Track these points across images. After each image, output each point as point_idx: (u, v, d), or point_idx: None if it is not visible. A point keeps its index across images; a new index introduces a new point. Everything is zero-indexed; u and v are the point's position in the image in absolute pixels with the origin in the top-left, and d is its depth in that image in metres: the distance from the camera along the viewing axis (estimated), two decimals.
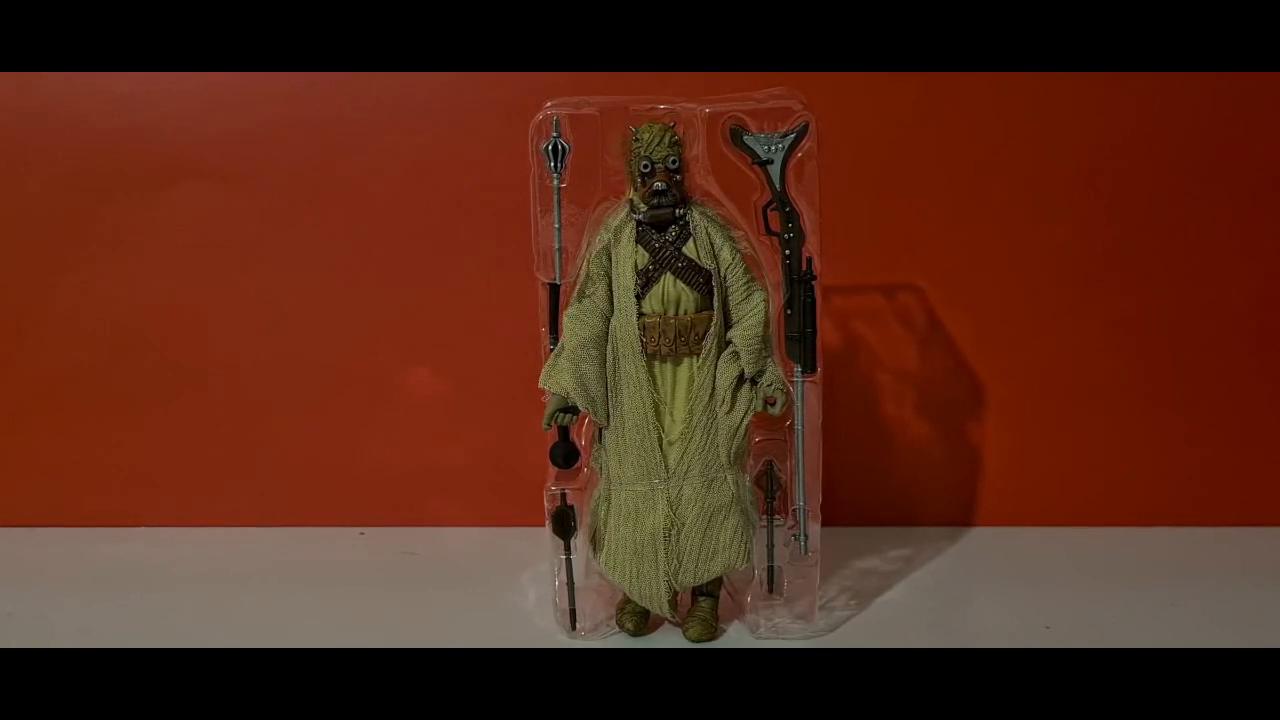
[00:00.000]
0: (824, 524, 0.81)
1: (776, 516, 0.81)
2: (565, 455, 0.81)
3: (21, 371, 1.08)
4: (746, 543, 0.80)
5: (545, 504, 0.80)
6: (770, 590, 0.82)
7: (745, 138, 0.77)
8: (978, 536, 1.04)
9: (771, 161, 0.77)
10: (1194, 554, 0.98)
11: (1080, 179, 1.02)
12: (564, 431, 0.80)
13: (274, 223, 1.05)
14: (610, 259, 0.77)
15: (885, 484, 1.07)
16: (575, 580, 0.81)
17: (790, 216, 0.77)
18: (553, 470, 0.81)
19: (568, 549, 0.81)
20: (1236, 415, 1.04)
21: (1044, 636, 0.81)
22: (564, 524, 0.80)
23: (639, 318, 0.77)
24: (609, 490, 0.80)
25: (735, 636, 0.82)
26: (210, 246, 1.06)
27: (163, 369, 1.07)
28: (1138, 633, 0.81)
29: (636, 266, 0.76)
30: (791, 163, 0.77)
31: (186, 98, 1.03)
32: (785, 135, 0.76)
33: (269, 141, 1.04)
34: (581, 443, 0.81)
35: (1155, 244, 1.02)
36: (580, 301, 0.78)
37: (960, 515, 1.06)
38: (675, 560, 0.79)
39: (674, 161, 0.76)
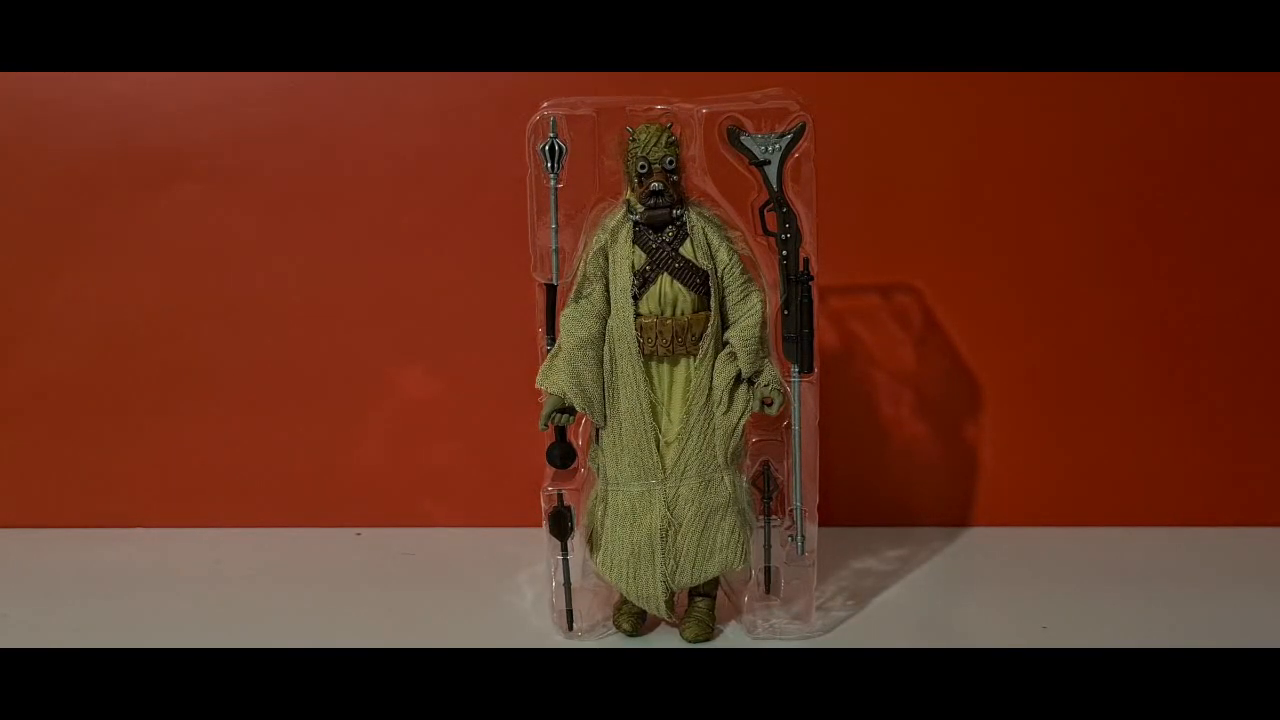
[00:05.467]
0: (821, 524, 0.81)
1: (773, 517, 0.81)
2: (562, 456, 0.81)
3: (15, 373, 1.08)
4: (743, 543, 0.80)
5: (542, 504, 0.80)
6: (767, 591, 0.82)
7: (742, 138, 0.77)
8: (975, 537, 1.04)
9: (769, 162, 0.77)
10: (1192, 554, 0.98)
11: (1077, 179, 1.02)
12: (561, 432, 0.80)
13: (268, 224, 1.05)
14: (607, 259, 0.77)
15: (882, 484, 1.07)
16: (572, 581, 0.81)
17: (787, 217, 0.77)
18: (550, 471, 0.81)
19: (565, 550, 0.81)
20: (1235, 415, 1.04)
21: (1041, 637, 0.81)
22: (561, 525, 0.80)
23: (636, 318, 0.77)
24: (606, 491, 0.80)
25: (732, 637, 0.82)
26: (204, 247, 1.06)
27: (157, 370, 1.07)
28: (1135, 633, 0.81)
29: (634, 267, 0.76)
30: (788, 163, 0.77)
31: (179, 98, 1.03)
32: (782, 136, 0.76)
33: (263, 142, 1.04)
34: (578, 443, 0.81)
35: (1153, 244, 1.02)
36: (577, 302, 0.78)
37: (957, 515, 1.06)
38: (672, 561, 0.79)
39: (671, 162, 0.76)
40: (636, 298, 0.76)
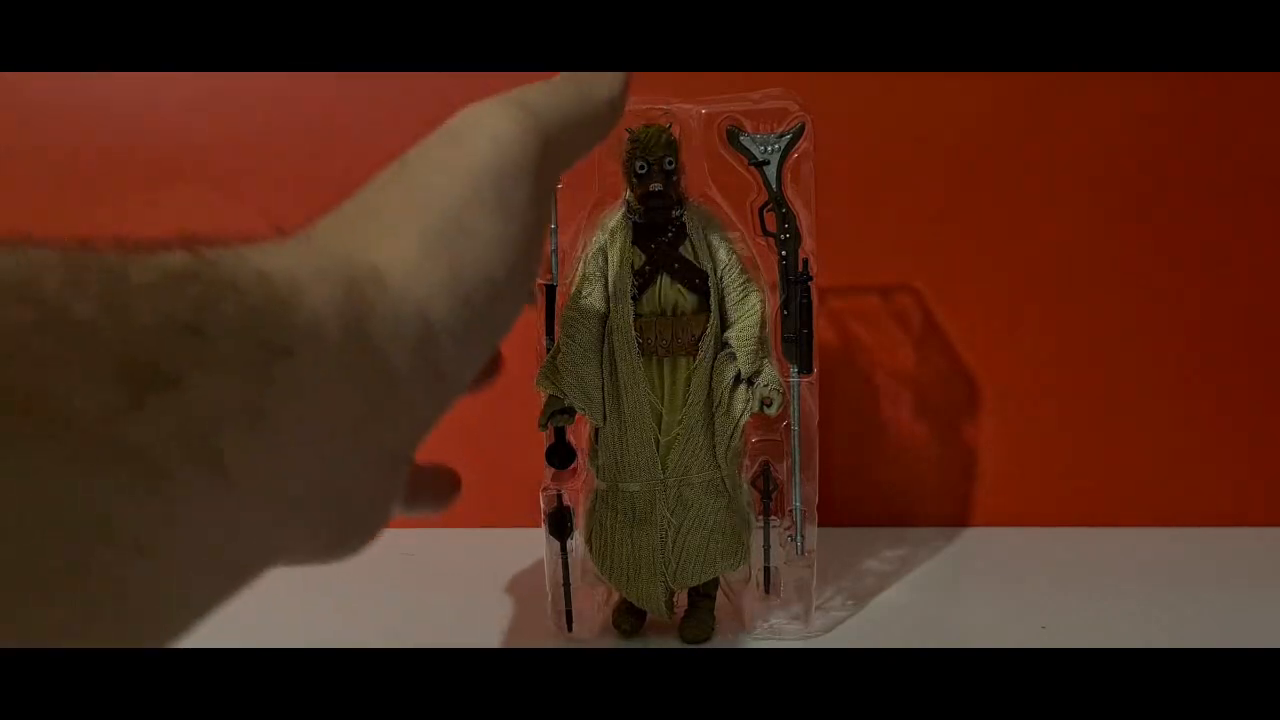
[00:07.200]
0: (820, 524, 0.81)
1: (773, 517, 0.81)
2: (562, 456, 0.81)
3: None
4: (743, 544, 0.80)
5: (541, 505, 0.80)
6: (766, 591, 0.82)
7: (741, 138, 0.77)
8: (974, 537, 1.04)
9: (768, 162, 0.77)
10: (1191, 554, 0.98)
11: (1076, 180, 1.02)
12: (560, 432, 0.80)
13: (268, 225, 1.05)
14: (606, 260, 0.77)
15: (881, 484, 1.07)
16: (571, 581, 0.81)
17: (786, 217, 0.77)
18: (549, 471, 0.81)
19: (564, 550, 0.81)
20: (1236, 415, 1.04)
21: (1040, 637, 0.81)
22: (560, 525, 0.80)
23: (635, 319, 0.77)
24: (606, 491, 0.80)
25: (732, 637, 0.82)
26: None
27: None
28: (1134, 633, 0.81)
29: (633, 267, 0.76)
30: (788, 163, 0.77)
31: (179, 98, 1.03)
32: (781, 136, 0.76)
33: (263, 143, 1.04)
34: (578, 443, 0.81)
35: (1152, 244, 1.02)
36: (576, 302, 0.78)
37: (956, 515, 1.06)
38: (672, 561, 0.79)
39: (670, 162, 0.76)
40: (636, 298, 0.76)
